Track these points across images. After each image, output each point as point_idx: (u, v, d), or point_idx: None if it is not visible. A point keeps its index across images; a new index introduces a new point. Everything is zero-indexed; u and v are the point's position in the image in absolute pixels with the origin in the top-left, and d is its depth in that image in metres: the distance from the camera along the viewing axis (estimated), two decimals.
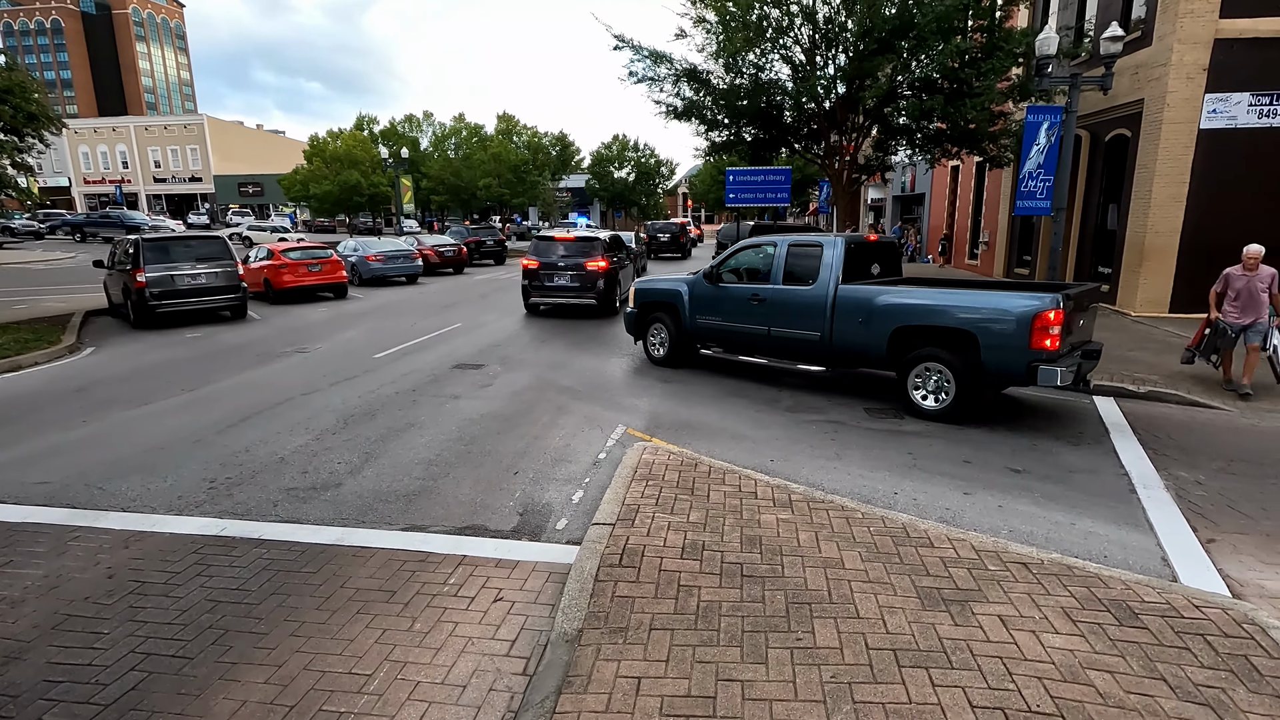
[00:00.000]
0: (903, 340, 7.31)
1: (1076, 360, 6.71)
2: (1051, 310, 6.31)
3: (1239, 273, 7.86)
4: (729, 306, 8.82)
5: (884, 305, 7.38)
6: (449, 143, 57.52)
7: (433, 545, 4.35)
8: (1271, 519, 4.85)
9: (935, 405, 7.13)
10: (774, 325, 8.36)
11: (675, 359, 9.66)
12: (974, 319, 6.75)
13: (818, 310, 7.89)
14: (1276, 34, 11.99)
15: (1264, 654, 3.12)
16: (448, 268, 25.26)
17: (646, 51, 15.66)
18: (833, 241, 8.05)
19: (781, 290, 8.28)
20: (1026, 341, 6.39)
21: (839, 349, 7.84)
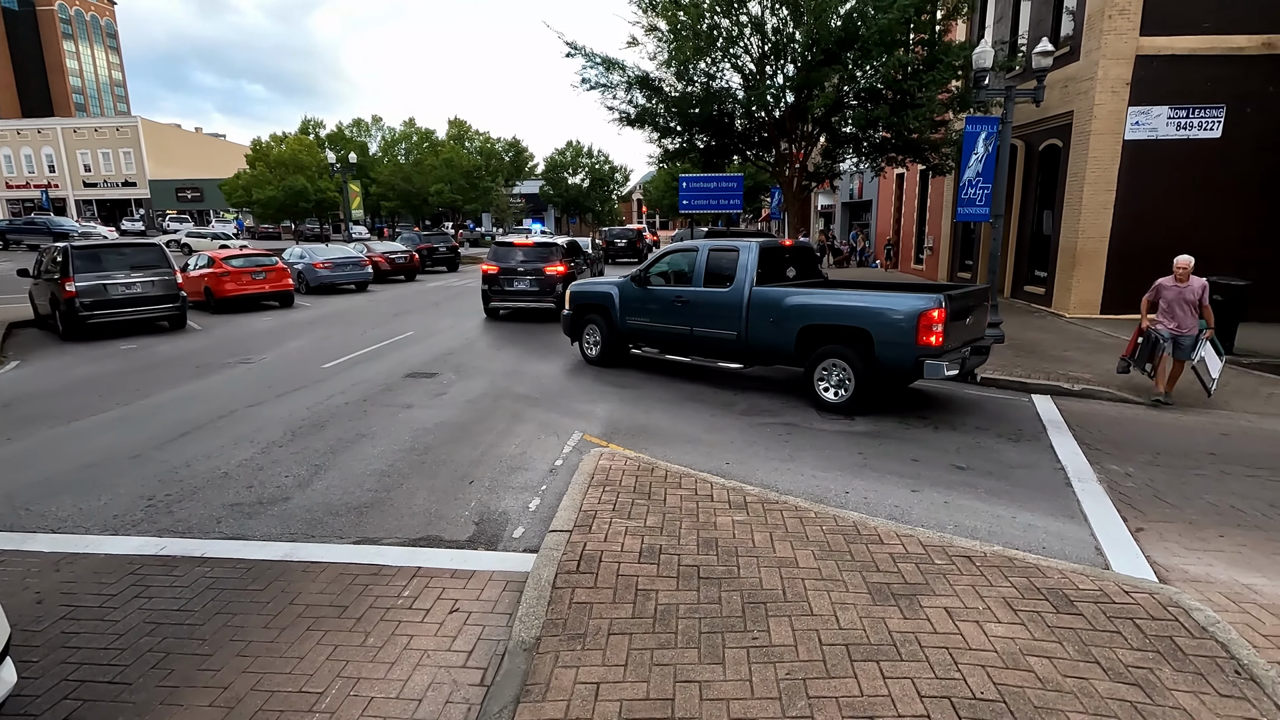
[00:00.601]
0: (809, 338, 7.78)
1: (961, 355, 7.28)
2: (935, 309, 6.85)
3: (1170, 283, 7.79)
4: (656, 308, 9.23)
5: (792, 306, 7.85)
6: (399, 148, 56.54)
7: (386, 558, 4.27)
8: (1194, 507, 5.15)
9: (837, 398, 7.63)
10: (696, 325, 8.78)
11: (608, 358, 10.00)
12: (869, 318, 7.28)
13: (734, 311, 8.32)
14: (1191, 51, 12.77)
15: (1187, 634, 3.31)
16: (399, 275, 24.80)
17: (599, 59, 15.70)
18: (748, 246, 8.50)
19: (702, 292, 8.71)
20: (914, 338, 6.93)
21: (753, 347, 8.29)
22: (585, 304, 10.21)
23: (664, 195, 52.95)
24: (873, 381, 7.40)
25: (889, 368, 7.23)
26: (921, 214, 23.79)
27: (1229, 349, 10.52)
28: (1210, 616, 3.44)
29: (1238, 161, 13.00)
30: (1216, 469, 5.96)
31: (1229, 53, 12.72)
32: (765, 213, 46.46)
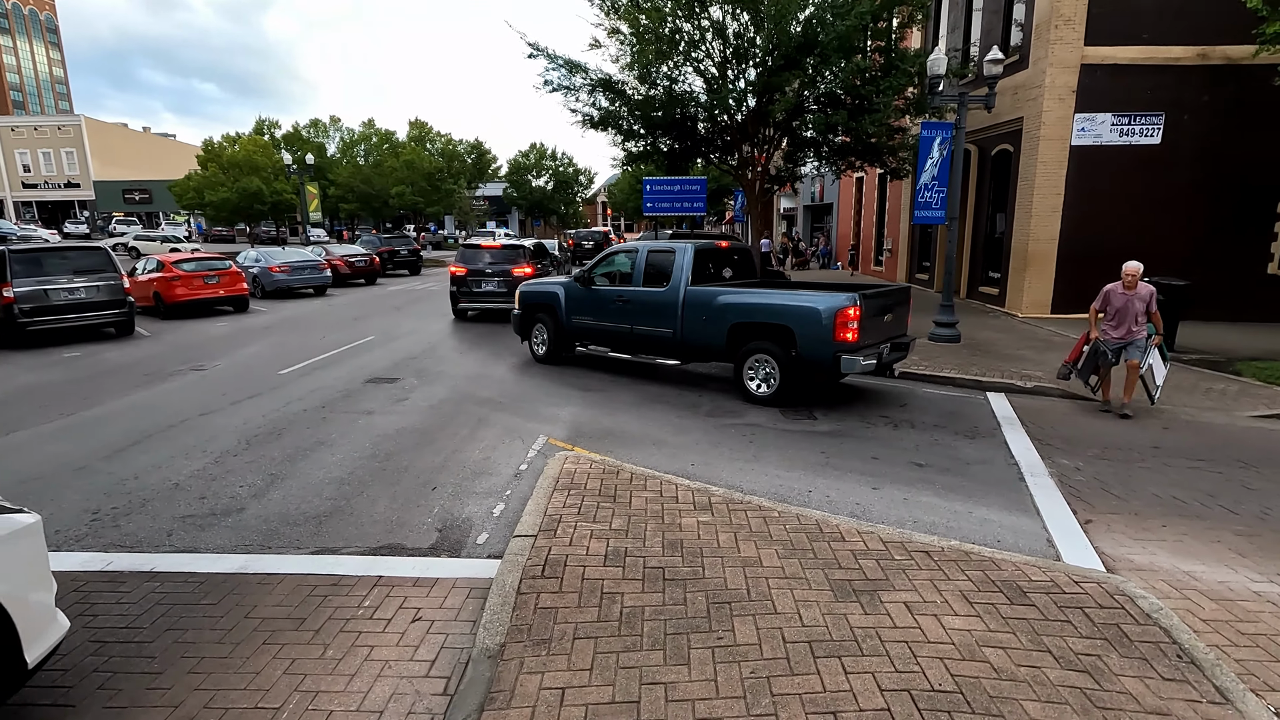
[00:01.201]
0: (738, 335, 8.18)
1: (877, 351, 7.69)
2: (851, 308, 7.31)
3: (1119, 290, 7.61)
4: (599, 307, 9.56)
5: (722, 304, 8.25)
6: (358, 149, 55.55)
7: (345, 568, 4.18)
8: (1139, 499, 5.36)
9: (764, 391, 8.05)
10: (635, 324, 9.14)
11: (554, 356, 10.33)
12: (791, 316, 7.70)
13: (670, 309, 8.70)
14: (1132, 61, 13.31)
15: (1133, 621, 3.44)
16: (359, 278, 24.33)
17: (561, 61, 15.65)
18: (683, 248, 8.88)
19: (641, 291, 9.07)
20: (832, 335, 7.36)
21: (688, 343, 8.68)
22: (533, 303, 10.46)
23: (628, 198, 53.01)
24: (796, 375, 7.84)
25: (809, 362, 7.64)
26: (881, 217, 24.29)
27: (1170, 347, 10.97)
28: (1154, 604, 3.59)
29: (1176, 167, 13.59)
30: (1159, 462, 6.21)
31: (1167, 63, 13.30)
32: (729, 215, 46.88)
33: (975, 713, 2.77)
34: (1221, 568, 4.26)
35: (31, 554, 2.78)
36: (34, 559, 2.79)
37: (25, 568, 2.73)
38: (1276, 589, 3.99)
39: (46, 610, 2.80)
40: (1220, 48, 13.07)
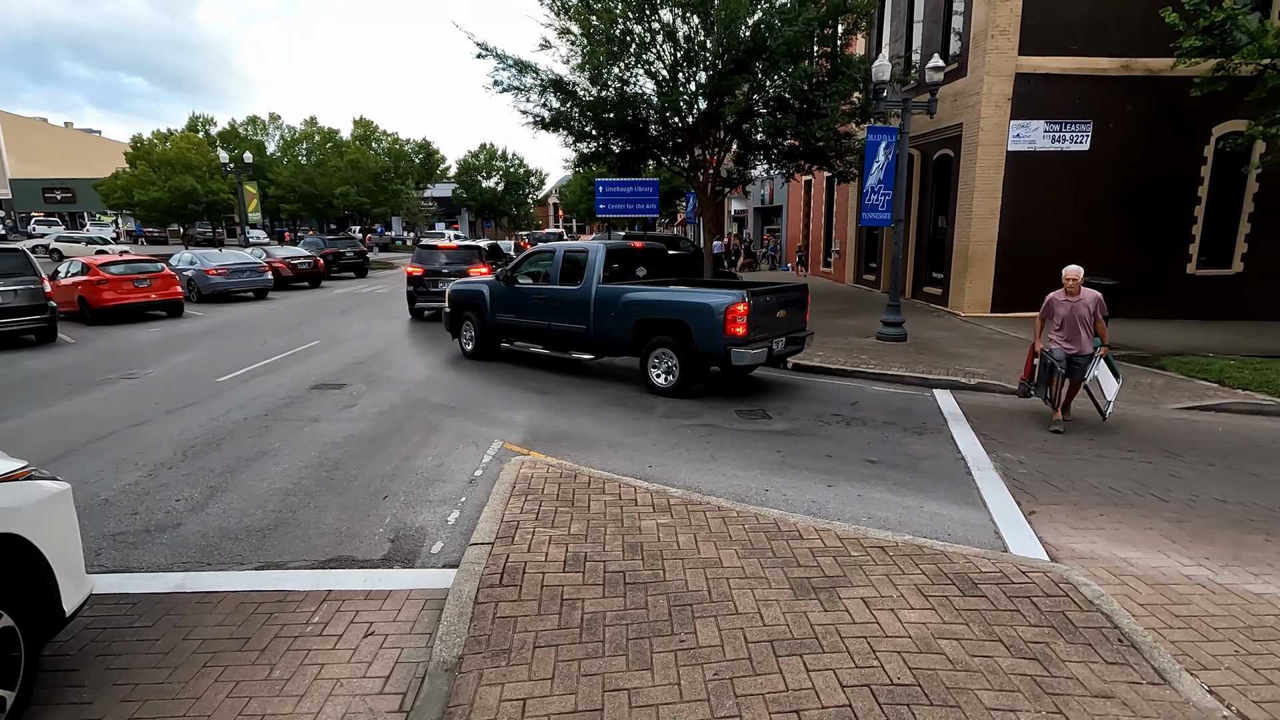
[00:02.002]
0: (643, 330, 8.65)
1: (768, 344, 8.19)
2: (740, 304, 7.78)
3: (1061, 298, 7.20)
4: (520, 304, 10.01)
5: (628, 301, 8.72)
6: (300, 148, 53.81)
7: (292, 583, 4.00)
8: (1078, 490, 5.59)
9: (666, 383, 8.52)
10: (553, 320, 9.60)
11: (481, 353, 10.72)
12: (687, 312, 8.17)
13: (583, 306, 9.15)
14: (1062, 71, 13.93)
15: (1077, 608, 3.57)
16: (303, 281, 23.55)
17: (511, 61, 15.46)
18: (596, 248, 9.38)
19: (558, 289, 9.52)
20: (722, 329, 7.84)
21: (599, 338, 9.13)
22: (461, 302, 10.85)
23: (580, 199, 52.81)
24: (694, 367, 8.32)
25: (704, 355, 8.13)
26: (829, 219, 24.82)
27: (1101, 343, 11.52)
28: (1096, 590, 3.73)
29: (1104, 172, 14.29)
30: (1095, 454, 6.50)
31: (1094, 73, 13.97)
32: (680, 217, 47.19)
33: (933, 704, 2.83)
34: (1155, 553, 4.47)
35: (66, 515, 3.14)
36: (68, 520, 3.15)
37: (63, 526, 3.09)
38: (1205, 572, 4.21)
39: (79, 566, 3.16)
40: (1142, 60, 13.80)
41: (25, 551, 2.85)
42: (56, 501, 3.07)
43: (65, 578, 3.00)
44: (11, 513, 2.80)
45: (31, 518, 2.88)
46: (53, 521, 3.01)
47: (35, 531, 2.88)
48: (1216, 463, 6.33)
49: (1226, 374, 9.43)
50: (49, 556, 2.93)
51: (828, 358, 10.44)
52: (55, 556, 2.96)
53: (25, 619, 2.83)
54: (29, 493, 2.96)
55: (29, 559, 2.87)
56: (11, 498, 2.85)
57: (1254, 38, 11.85)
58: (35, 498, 2.96)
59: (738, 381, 9.33)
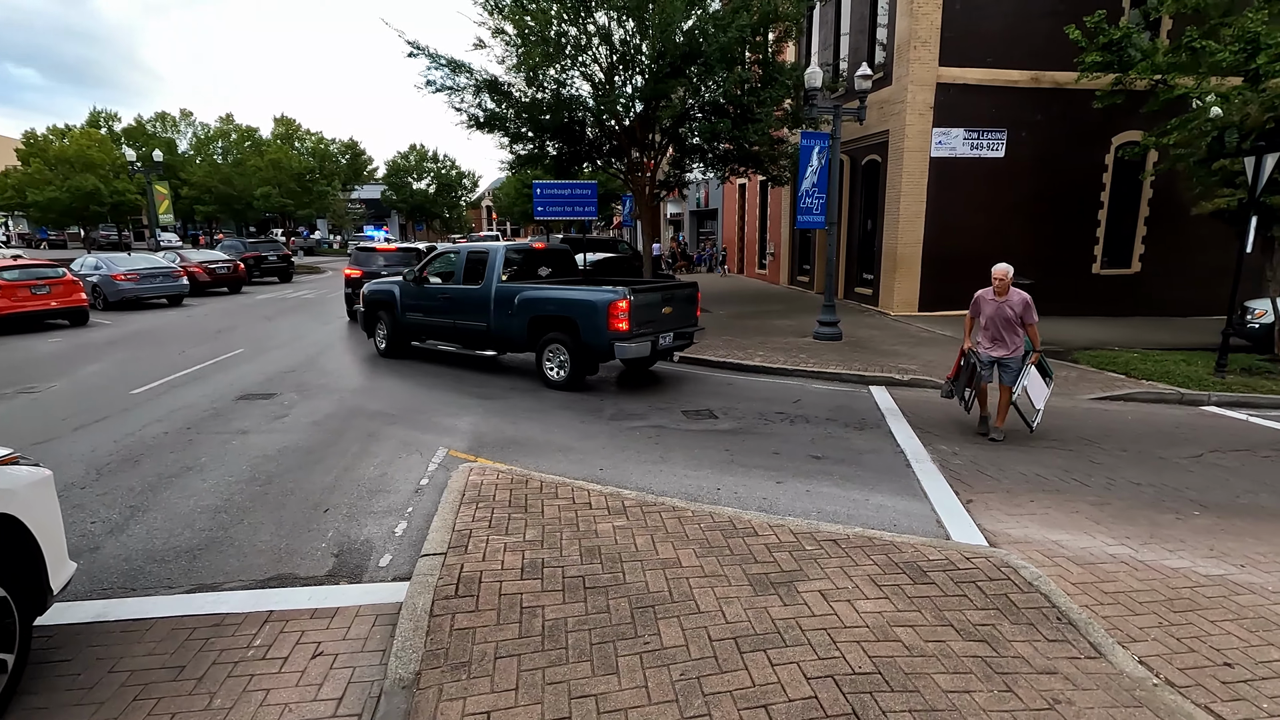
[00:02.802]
0: (537, 327, 9.04)
1: (652, 338, 8.59)
2: (622, 301, 8.19)
3: (989, 296, 6.87)
4: (427, 303, 10.29)
5: (523, 300, 9.09)
6: (215, 146, 51.00)
7: (229, 604, 3.77)
8: (1009, 478, 5.88)
9: (559, 378, 8.91)
10: (457, 318, 9.92)
11: (394, 350, 11.02)
12: (574, 308, 8.55)
13: (484, 305, 9.51)
14: (979, 82, 14.70)
15: (1019, 590, 3.74)
16: (221, 287, 22.32)
17: (444, 60, 15.11)
18: (496, 248, 9.77)
19: (461, 289, 9.85)
20: (606, 325, 8.25)
21: (498, 335, 9.48)
22: (374, 301, 11.12)
23: (515, 202, 52.19)
24: (583, 361, 8.71)
25: (591, 349, 8.51)
26: (763, 222, 25.37)
27: None
28: (1034, 572, 3.93)
29: (1018, 177, 15.16)
30: (1022, 443, 6.86)
31: (1007, 85, 14.81)
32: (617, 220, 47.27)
33: (894, 690, 2.91)
34: (1082, 535, 4.75)
35: (49, 499, 3.27)
36: (51, 503, 3.28)
37: (48, 508, 3.23)
38: (1128, 551, 4.50)
39: (62, 548, 3.32)
40: (1050, 73, 14.72)
41: (17, 531, 3.01)
42: (42, 485, 3.22)
43: (52, 556, 3.19)
44: (5, 494, 2.96)
45: (22, 499, 3.04)
46: (40, 503, 3.18)
47: (26, 512, 3.04)
48: (1129, 448, 6.79)
49: (1132, 366, 10.14)
50: (38, 536, 3.09)
51: (769, 357, 10.65)
52: (43, 536, 3.13)
53: (18, 593, 3.01)
54: (19, 476, 3.10)
55: (20, 538, 3.03)
56: (4, 480, 2.99)
57: (1146, 55, 12.82)
58: (25, 481, 3.11)
59: (681, 382, 9.41)
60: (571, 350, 8.67)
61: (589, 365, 8.91)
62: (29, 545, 3.06)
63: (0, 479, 2.98)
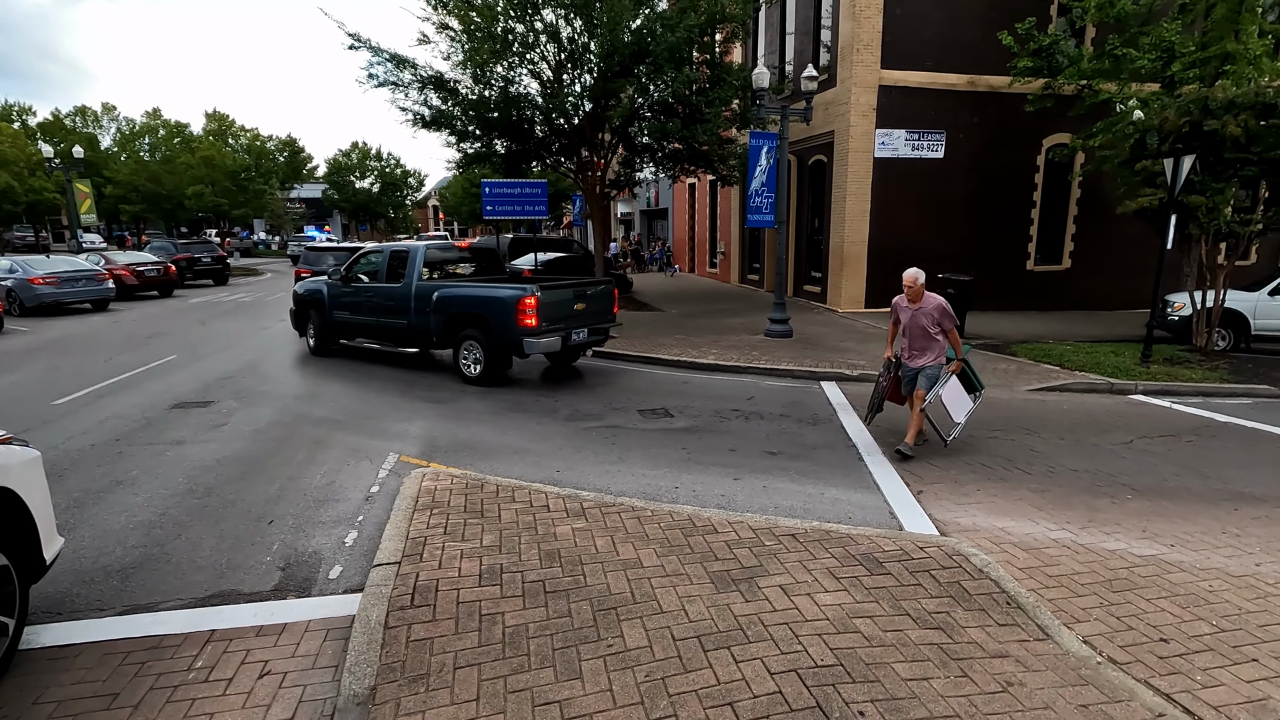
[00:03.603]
0: (452, 324, 9.24)
1: (561, 334, 8.90)
2: (529, 298, 8.45)
3: (903, 303, 6.37)
4: (353, 301, 10.51)
5: (440, 297, 9.30)
6: (142, 143, 48.55)
7: (167, 625, 3.56)
8: (956, 469, 6.07)
9: (475, 374, 9.11)
10: (380, 316, 10.15)
11: (322, 348, 11.26)
12: (486, 305, 8.79)
13: (404, 303, 9.72)
14: (919, 85, 15.15)
15: (970, 577, 3.86)
16: (151, 290, 21.24)
17: (387, 54, 14.71)
18: (417, 248, 10.03)
19: (384, 287, 10.07)
20: (515, 321, 8.49)
21: (418, 332, 9.67)
22: (304, 300, 11.37)
23: (463, 201, 51.33)
24: (496, 356, 8.94)
25: (502, 344, 8.78)
26: (713, 221, 25.60)
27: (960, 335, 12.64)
28: (984, 559, 4.05)
29: (956, 178, 15.69)
30: (967, 434, 7.07)
31: (945, 88, 15.31)
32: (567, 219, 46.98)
33: (855, 681, 2.95)
34: (1026, 521, 4.93)
35: (40, 477, 3.48)
36: (42, 481, 3.49)
37: (40, 486, 3.46)
38: (1069, 535, 4.69)
39: (52, 523, 3.57)
40: (985, 77, 15.28)
41: (14, 504, 3.24)
42: (33, 464, 3.44)
43: (45, 529, 3.43)
44: (3, 470, 3.17)
45: (17, 475, 3.27)
46: (32, 480, 3.40)
47: (21, 487, 3.27)
48: (1066, 437, 7.10)
49: (1065, 358, 10.61)
50: (32, 510, 3.33)
51: (722, 355, 10.74)
52: (36, 510, 3.36)
53: (17, 561, 3.24)
54: (14, 454, 3.30)
55: (17, 511, 3.26)
56: (5, 456, 3.21)
57: (1073, 61, 13.45)
58: (19, 459, 3.33)
59: (636, 382, 9.40)
60: (485, 346, 8.87)
61: (503, 360, 9.11)
62: (25, 518, 3.30)
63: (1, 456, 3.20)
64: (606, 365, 10.67)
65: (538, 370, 10.19)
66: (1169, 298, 12.68)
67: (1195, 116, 10.00)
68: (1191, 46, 12.19)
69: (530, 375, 9.84)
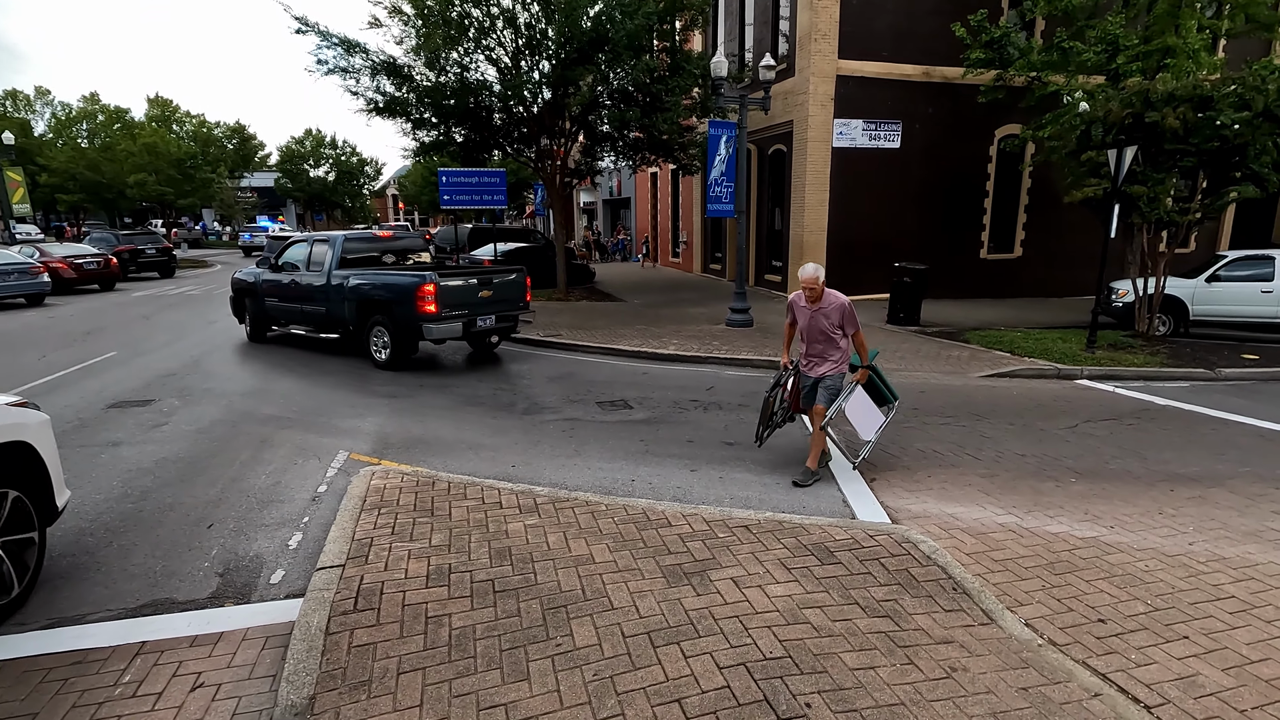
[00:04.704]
0: (363, 310, 9.67)
1: (463, 321, 9.28)
2: (428, 285, 8.82)
3: (801, 303, 5.47)
4: (281, 290, 10.93)
5: (351, 285, 9.73)
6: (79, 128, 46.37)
7: (93, 638, 3.39)
8: (908, 455, 6.16)
9: (383, 358, 9.52)
10: (303, 304, 10.57)
11: (257, 334, 11.76)
12: (391, 292, 9.20)
13: (323, 291, 10.15)
14: (876, 75, 15.30)
15: (918, 564, 3.91)
16: (91, 284, 20.33)
17: (336, 39, 14.25)
18: (337, 237, 10.46)
19: (306, 275, 10.47)
20: (415, 307, 8.88)
21: (335, 319, 10.12)
22: (240, 288, 11.85)
23: (422, 190, 50.38)
24: (402, 342, 9.30)
25: (405, 330, 9.16)
26: (675, 211, 25.56)
27: (914, 322, 12.88)
28: (932, 546, 4.11)
29: (912, 168, 15.92)
30: (919, 421, 7.21)
31: (901, 78, 15.48)
32: (529, 209, 46.46)
33: (803, 672, 2.95)
34: (974, 506, 5.03)
35: (51, 437, 4.02)
36: (53, 440, 4.03)
37: (51, 443, 4.00)
38: (1014, 519, 4.80)
39: (61, 477, 4.09)
40: (939, 68, 15.50)
41: (32, 455, 3.82)
42: (46, 425, 3.98)
43: (56, 480, 3.99)
44: (24, 426, 3.78)
45: (34, 432, 3.84)
46: (46, 437, 3.95)
47: (38, 442, 3.84)
48: (1015, 422, 7.27)
49: (1016, 344, 10.88)
50: (46, 462, 3.90)
51: (683, 345, 10.74)
52: (50, 463, 3.93)
53: (36, 503, 3.83)
54: (30, 415, 3.89)
55: (34, 462, 3.84)
56: (23, 416, 3.81)
57: (1023, 53, 13.72)
58: (36, 419, 3.90)
59: (596, 374, 9.33)
60: (391, 331, 9.26)
61: (408, 345, 9.41)
62: (40, 468, 3.86)
63: (19, 416, 3.77)
64: (566, 357, 10.58)
65: (490, 364, 10.05)
66: (1114, 285, 13.09)
67: (1137, 109, 10.30)
68: (1135, 40, 12.54)
69: (486, 369, 9.69)
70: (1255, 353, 10.74)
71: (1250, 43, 15.71)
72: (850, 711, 2.73)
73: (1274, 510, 5.04)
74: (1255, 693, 2.99)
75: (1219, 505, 5.13)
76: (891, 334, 12.21)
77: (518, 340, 11.53)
